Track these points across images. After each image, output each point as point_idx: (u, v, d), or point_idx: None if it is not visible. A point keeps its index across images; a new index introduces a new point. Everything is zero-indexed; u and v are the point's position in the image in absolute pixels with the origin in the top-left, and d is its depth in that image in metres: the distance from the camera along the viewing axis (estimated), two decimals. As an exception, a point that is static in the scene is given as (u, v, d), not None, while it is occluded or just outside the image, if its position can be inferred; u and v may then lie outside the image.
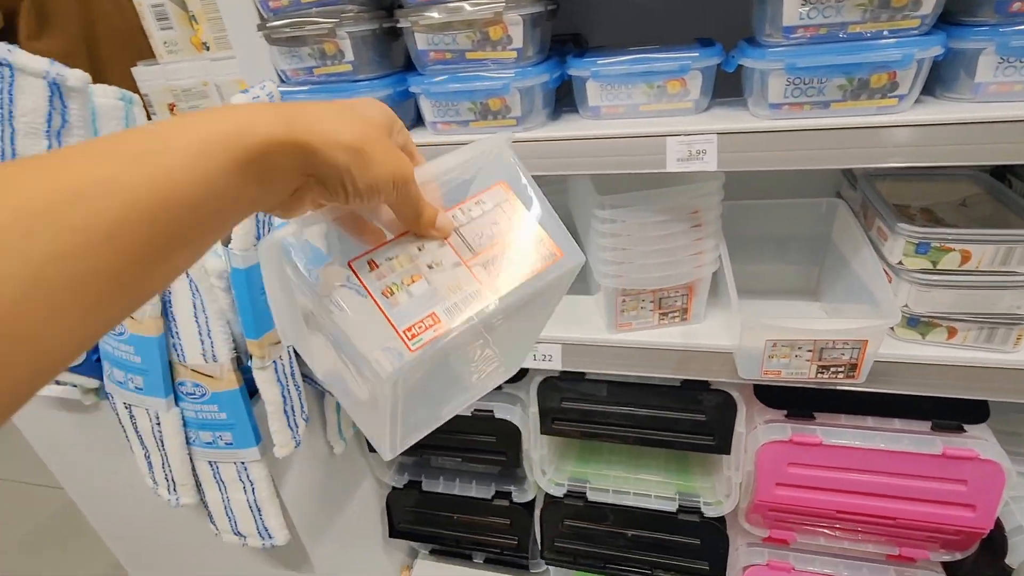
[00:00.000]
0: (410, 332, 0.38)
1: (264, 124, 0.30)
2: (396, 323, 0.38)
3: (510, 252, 0.42)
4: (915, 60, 0.59)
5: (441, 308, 0.39)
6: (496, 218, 0.43)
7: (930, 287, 0.71)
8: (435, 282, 0.40)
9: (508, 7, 0.66)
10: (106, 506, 1.09)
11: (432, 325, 0.39)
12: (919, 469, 0.80)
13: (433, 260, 0.40)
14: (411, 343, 0.38)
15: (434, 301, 0.39)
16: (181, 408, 0.78)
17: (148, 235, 0.26)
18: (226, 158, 0.29)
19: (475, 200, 0.43)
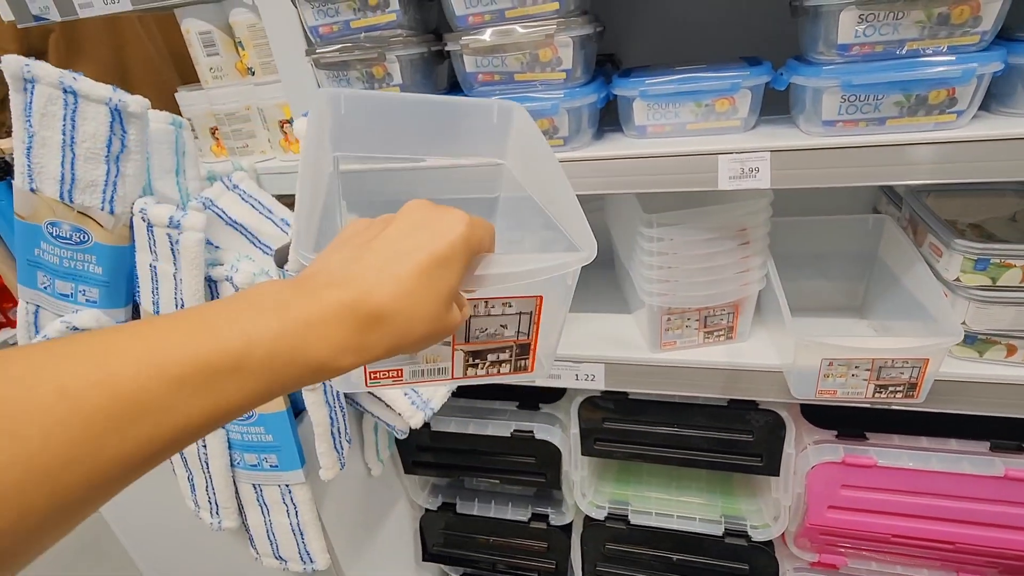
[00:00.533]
0: (373, 374, 0.43)
1: (334, 350, 0.30)
2: (367, 367, 0.43)
3: (494, 352, 0.45)
4: (975, 76, 0.59)
5: (409, 369, 0.44)
6: (508, 322, 0.44)
7: (989, 304, 0.69)
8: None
9: (559, 29, 0.67)
10: (143, 529, 1.08)
11: (393, 377, 0.44)
12: (980, 491, 0.77)
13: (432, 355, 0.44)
14: (370, 380, 0.44)
15: (408, 363, 0.43)
16: (227, 430, 0.77)
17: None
18: (285, 375, 0.29)
19: (504, 300, 0.43)
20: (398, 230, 0.35)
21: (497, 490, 1.13)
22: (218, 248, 0.77)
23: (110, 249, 0.71)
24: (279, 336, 0.28)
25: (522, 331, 0.44)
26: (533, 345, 0.45)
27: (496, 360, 0.45)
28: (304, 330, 0.29)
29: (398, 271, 0.32)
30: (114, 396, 0.23)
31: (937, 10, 0.58)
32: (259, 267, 0.70)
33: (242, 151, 0.97)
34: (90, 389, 0.23)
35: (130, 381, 0.24)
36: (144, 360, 0.25)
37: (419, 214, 0.36)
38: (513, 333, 0.44)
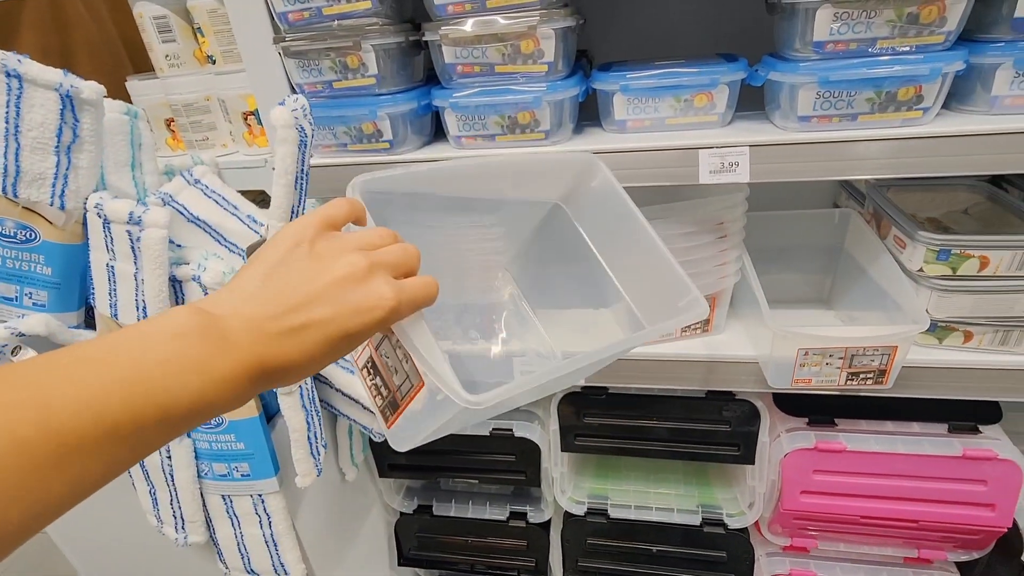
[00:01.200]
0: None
1: (239, 401, 0.32)
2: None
3: (380, 379, 0.46)
4: (941, 74, 0.61)
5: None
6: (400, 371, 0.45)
7: (950, 293, 0.73)
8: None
9: (542, 21, 0.66)
10: (93, 547, 1.01)
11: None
12: (940, 471, 0.81)
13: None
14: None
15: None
16: (193, 439, 0.73)
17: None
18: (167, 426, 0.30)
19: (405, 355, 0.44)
20: (324, 285, 0.35)
21: (474, 490, 1.12)
22: (180, 247, 0.73)
23: (61, 248, 0.66)
24: (199, 394, 0.30)
25: (402, 390, 0.45)
26: (401, 408, 0.46)
27: (376, 384, 0.46)
28: (220, 387, 0.31)
29: (308, 340, 0.34)
30: (54, 438, 0.26)
31: (907, 9, 0.60)
32: (228, 266, 0.66)
33: (202, 144, 0.92)
34: (34, 431, 0.25)
35: (70, 423, 0.26)
36: (83, 407, 0.27)
37: (351, 271, 0.35)
38: (399, 382, 0.45)
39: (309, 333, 0.34)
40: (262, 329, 0.33)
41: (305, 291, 0.34)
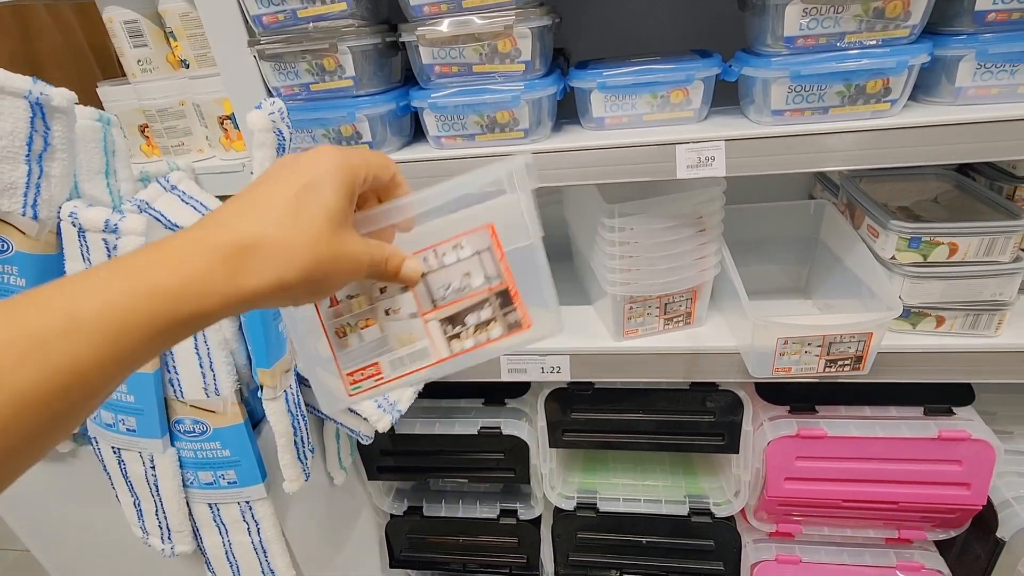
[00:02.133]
0: (351, 378, 0.40)
1: (197, 299, 0.30)
2: (341, 365, 0.40)
3: (472, 312, 0.39)
4: (908, 67, 0.63)
5: (386, 360, 0.40)
6: (470, 268, 0.39)
7: (921, 279, 0.75)
8: (388, 330, 0.39)
9: (518, 20, 0.66)
10: (78, 563, 0.99)
11: (373, 375, 0.40)
12: (917, 453, 0.84)
13: (392, 306, 0.39)
14: (351, 388, 0.40)
15: (382, 351, 0.40)
16: (178, 448, 0.72)
17: (35, 424, 0.26)
18: (150, 332, 0.29)
19: (453, 243, 0.39)
20: (260, 180, 0.35)
21: (464, 490, 1.12)
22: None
23: (34, 259, 0.64)
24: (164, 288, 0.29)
25: (491, 275, 0.39)
26: (512, 289, 0.39)
27: (480, 322, 0.39)
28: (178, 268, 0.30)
29: (261, 203, 0.33)
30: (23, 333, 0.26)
31: (873, 4, 0.62)
32: (209, 271, 0.65)
33: (177, 150, 0.90)
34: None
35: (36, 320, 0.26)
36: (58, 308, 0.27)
37: (284, 160, 0.36)
38: (482, 280, 0.39)
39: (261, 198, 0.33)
40: (209, 217, 0.33)
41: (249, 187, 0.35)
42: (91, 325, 0.27)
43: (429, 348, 0.40)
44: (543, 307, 0.40)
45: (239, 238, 0.31)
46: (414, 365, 0.40)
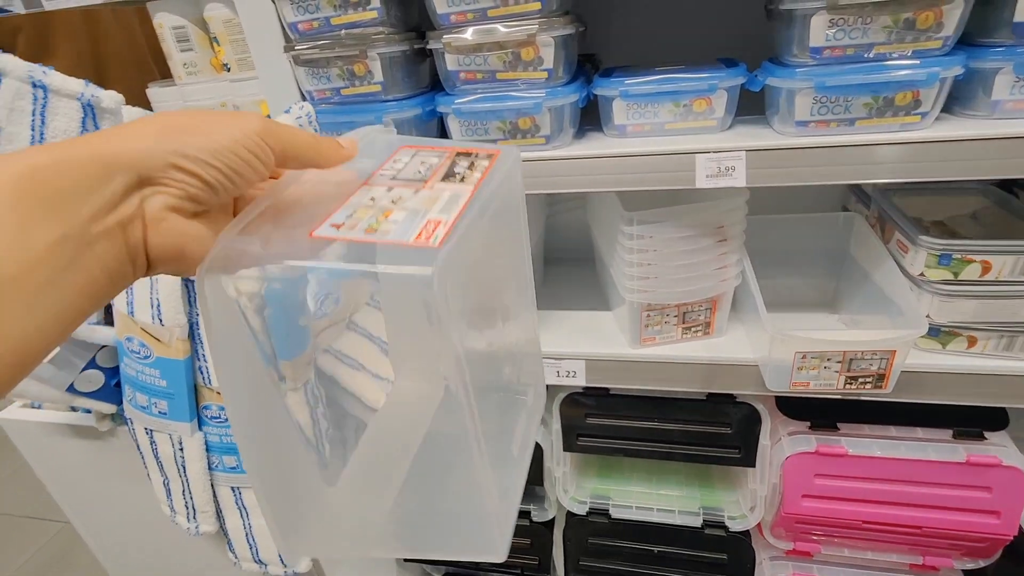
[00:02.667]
0: (421, 237, 0.33)
1: (59, 148, 0.26)
2: (402, 239, 0.33)
3: (457, 167, 0.39)
4: (939, 79, 0.61)
5: (433, 214, 0.35)
6: (422, 159, 0.40)
7: (952, 297, 0.73)
8: (409, 207, 0.35)
9: (541, 29, 0.67)
10: (113, 537, 1.05)
11: (438, 224, 0.34)
12: (944, 477, 0.81)
13: (392, 198, 0.36)
14: (431, 240, 0.32)
15: (422, 216, 0.34)
16: (205, 432, 0.76)
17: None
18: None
19: (391, 159, 0.40)
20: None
21: (479, 488, 1.13)
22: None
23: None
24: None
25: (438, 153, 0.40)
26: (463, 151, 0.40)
27: (465, 168, 0.39)
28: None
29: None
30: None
31: (903, 15, 0.60)
32: (239, 266, 0.68)
33: (217, 148, 0.95)
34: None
35: None
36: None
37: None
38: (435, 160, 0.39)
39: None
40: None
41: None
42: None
43: (458, 191, 0.38)
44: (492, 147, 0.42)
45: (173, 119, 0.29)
46: (461, 202, 0.37)
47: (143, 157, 0.27)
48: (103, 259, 0.26)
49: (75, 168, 0.25)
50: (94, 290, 0.26)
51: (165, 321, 0.68)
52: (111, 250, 0.27)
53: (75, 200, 0.25)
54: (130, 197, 0.27)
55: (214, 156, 0.29)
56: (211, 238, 0.31)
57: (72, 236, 0.25)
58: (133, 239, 0.28)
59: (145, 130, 0.28)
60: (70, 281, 0.25)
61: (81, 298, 0.26)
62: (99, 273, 0.26)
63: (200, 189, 0.29)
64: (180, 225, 0.29)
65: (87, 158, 0.26)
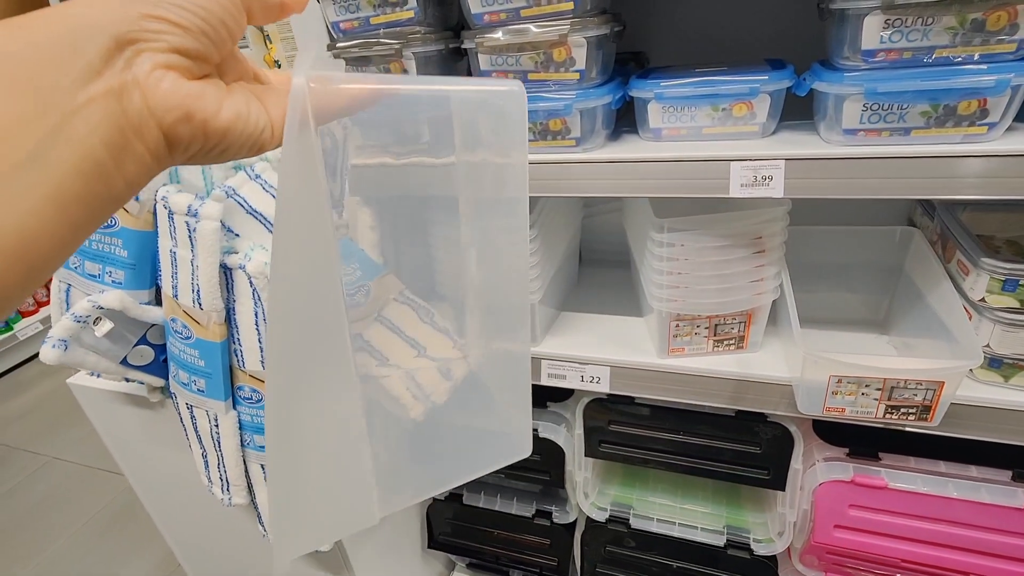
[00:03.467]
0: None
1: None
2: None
3: None
4: (1010, 87, 0.55)
5: None
6: None
7: (1017, 327, 0.66)
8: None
9: (573, 29, 0.66)
10: (164, 498, 1.14)
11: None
12: (997, 522, 0.74)
13: None
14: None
15: None
16: (238, 411, 0.80)
17: None
18: None
19: None
20: None
21: (504, 484, 1.14)
22: (237, 236, 0.80)
23: (135, 234, 0.75)
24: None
25: None
26: None
27: None
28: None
29: None
30: None
31: (971, 16, 0.55)
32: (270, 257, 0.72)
33: (268, 141, 1.00)
34: None
35: None
36: None
37: None
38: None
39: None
40: None
41: None
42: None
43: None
44: None
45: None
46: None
47: (114, 16, 0.25)
48: (98, 131, 0.24)
49: (44, 36, 0.23)
50: (95, 170, 0.24)
51: (204, 305, 0.73)
52: (106, 120, 0.24)
53: (47, 69, 0.23)
54: (113, 61, 0.25)
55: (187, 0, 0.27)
56: (217, 96, 0.28)
57: (51, 106, 0.23)
58: (132, 108, 0.25)
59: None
60: (60, 158, 0.23)
61: (79, 177, 0.24)
62: (98, 149, 0.24)
63: (182, 37, 0.27)
64: (181, 86, 0.27)
65: (53, 24, 0.24)
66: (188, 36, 0.27)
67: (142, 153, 0.26)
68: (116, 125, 0.25)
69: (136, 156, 0.26)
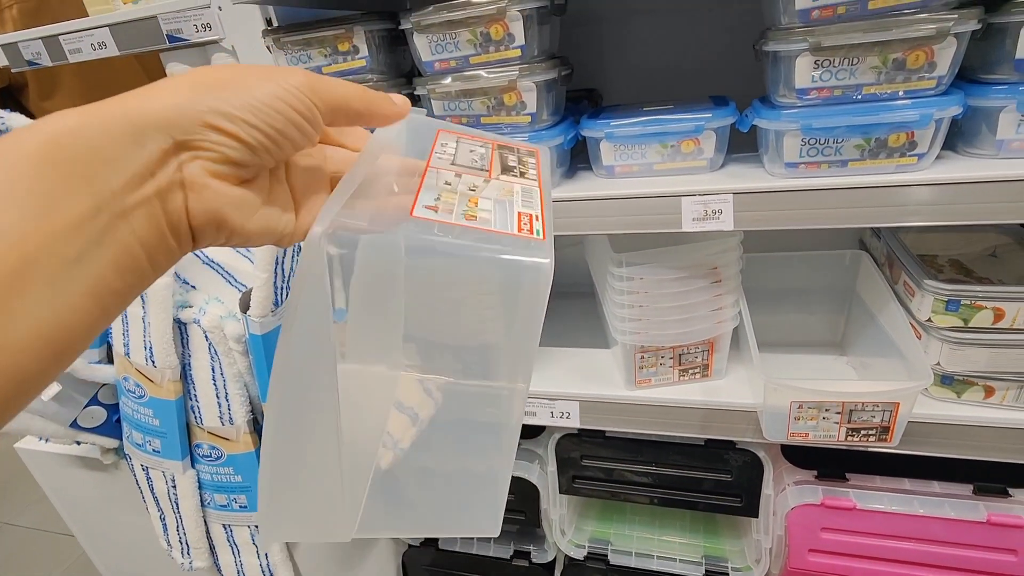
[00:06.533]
0: (523, 229, 0.33)
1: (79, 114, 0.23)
2: (507, 230, 0.33)
3: (510, 160, 0.38)
4: (933, 120, 0.58)
5: (519, 207, 0.35)
6: (469, 147, 0.39)
7: (962, 345, 0.68)
8: (491, 196, 0.36)
9: (522, 75, 0.67)
10: (122, 564, 1.08)
11: (532, 218, 0.34)
12: (962, 536, 0.75)
13: (468, 185, 0.36)
14: (534, 234, 0.33)
15: (510, 207, 0.35)
16: (197, 470, 0.77)
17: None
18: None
19: (438, 143, 0.39)
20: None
21: (480, 526, 1.12)
22: (194, 288, 0.78)
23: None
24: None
25: (479, 138, 0.39)
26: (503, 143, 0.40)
27: (516, 163, 0.38)
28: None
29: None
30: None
31: (892, 55, 0.58)
32: (226, 309, 0.70)
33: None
34: None
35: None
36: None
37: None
38: (481, 149, 0.39)
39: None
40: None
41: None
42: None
43: (520, 187, 0.38)
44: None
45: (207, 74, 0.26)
46: (535, 203, 0.37)
47: (175, 116, 0.24)
48: (139, 232, 0.24)
49: (102, 133, 0.23)
50: (132, 265, 0.24)
51: (157, 363, 0.71)
52: (149, 222, 0.24)
53: (105, 168, 0.23)
54: (167, 162, 0.25)
55: (254, 114, 0.26)
56: (256, 205, 0.28)
57: (104, 207, 0.23)
58: (173, 209, 0.25)
59: (178, 87, 0.25)
60: (103, 257, 0.23)
61: (117, 274, 0.24)
62: (136, 247, 0.24)
63: (240, 152, 0.26)
64: (223, 192, 0.26)
65: (114, 120, 0.23)
66: (246, 151, 0.27)
67: (173, 248, 0.26)
68: (156, 226, 0.25)
69: (168, 250, 0.26)
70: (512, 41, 0.67)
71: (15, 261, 0.20)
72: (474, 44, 0.68)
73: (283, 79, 0.27)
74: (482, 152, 0.40)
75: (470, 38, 0.68)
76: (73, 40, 0.87)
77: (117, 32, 0.83)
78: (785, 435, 0.72)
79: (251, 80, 0.26)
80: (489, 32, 0.67)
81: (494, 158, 0.39)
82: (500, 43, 0.67)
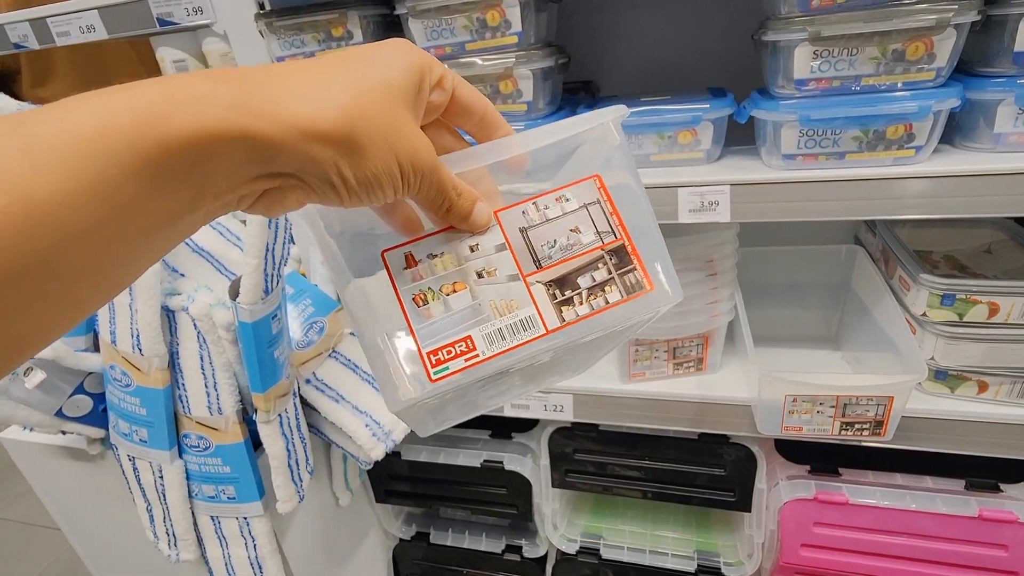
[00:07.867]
0: (434, 357, 0.31)
1: (195, 106, 0.22)
2: (421, 342, 0.31)
3: (584, 273, 0.33)
4: (931, 112, 0.58)
5: (480, 333, 0.32)
6: (578, 223, 0.34)
7: (957, 340, 0.68)
8: (482, 296, 0.32)
9: (518, 62, 0.67)
10: (108, 556, 1.06)
11: (465, 353, 0.31)
12: (954, 532, 0.75)
13: (486, 267, 0.32)
14: (433, 371, 0.31)
15: (474, 322, 0.32)
16: (184, 461, 0.76)
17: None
18: (129, 158, 0.21)
19: (555, 195, 0.34)
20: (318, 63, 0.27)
21: (472, 520, 1.11)
22: (182, 276, 0.77)
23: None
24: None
25: (602, 230, 0.34)
26: (629, 246, 0.34)
27: (593, 284, 0.33)
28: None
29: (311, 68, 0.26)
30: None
31: (892, 47, 0.57)
32: (216, 298, 0.69)
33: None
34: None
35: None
36: (18, 132, 0.21)
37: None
38: (593, 236, 0.33)
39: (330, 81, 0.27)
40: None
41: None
42: (47, 146, 0.20)
43: (535, 316, 0.32)
44: (663, 266, 0.35)
45: (260, 72, 0.25)
46: (518, 338, 0.32)
47: (311, 164, 0.24)
48: (206, 216, 0.25)
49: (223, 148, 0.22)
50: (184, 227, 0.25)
51: (145, 351, 0.69)
52: (217, 212, 0.25)
53: (204, 180, 0.23)
54: (274, 180, 0.25)
55: (368, 187, 0.26)
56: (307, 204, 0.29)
57: (199, 202, 0.23)
58: (243, 204, 0.26)
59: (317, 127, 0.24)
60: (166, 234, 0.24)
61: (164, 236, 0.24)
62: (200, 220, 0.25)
63: (336, 203, 0.27)
64: (292, 202, 0.27)
65: (231, 138, 0.22)
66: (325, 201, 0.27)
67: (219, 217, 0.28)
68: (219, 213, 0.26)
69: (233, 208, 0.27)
70: (509, 27, 0.66)
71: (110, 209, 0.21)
72: (470, 30, 0.67)
73: (425, 166, 0.28)
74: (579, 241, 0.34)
75: (466, 24, 0.67)
76: (61, 23, 0.85)
77: (106, 15, 0.81)
78: (779, 429, 0.72)
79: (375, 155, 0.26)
80: (485, 18, 0.66)
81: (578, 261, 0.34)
82: (496, 29, 0.66)
